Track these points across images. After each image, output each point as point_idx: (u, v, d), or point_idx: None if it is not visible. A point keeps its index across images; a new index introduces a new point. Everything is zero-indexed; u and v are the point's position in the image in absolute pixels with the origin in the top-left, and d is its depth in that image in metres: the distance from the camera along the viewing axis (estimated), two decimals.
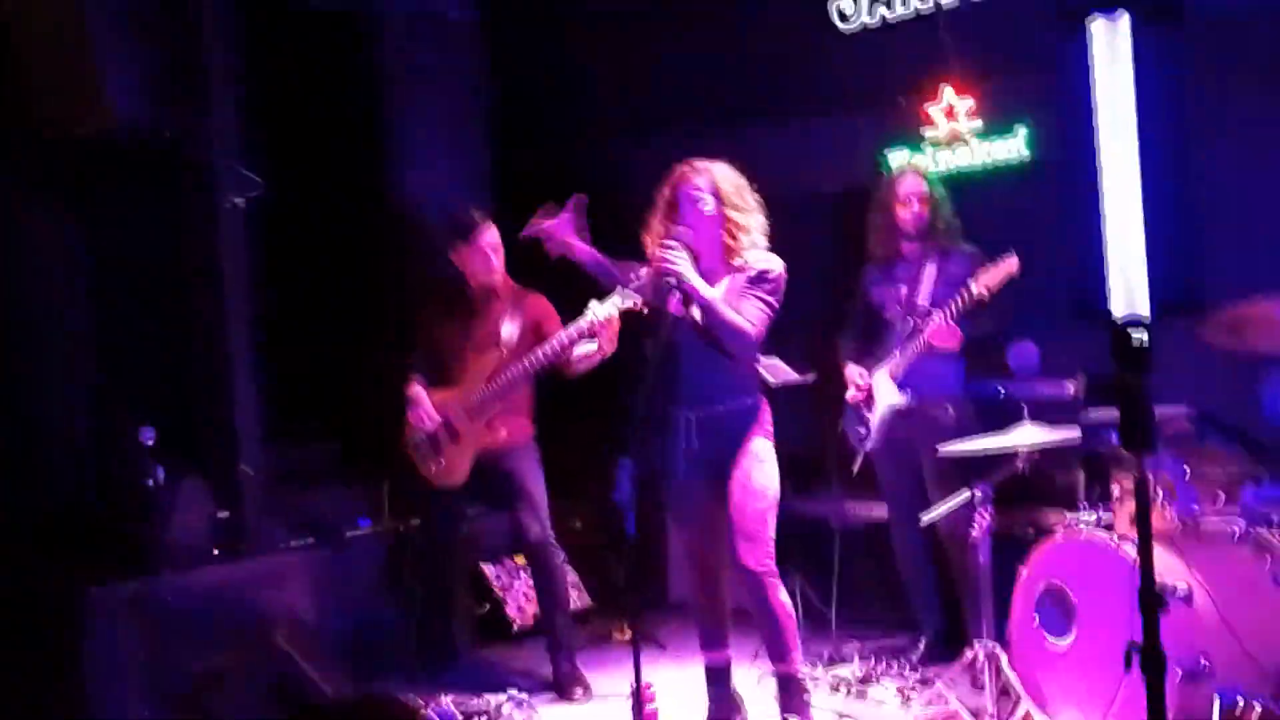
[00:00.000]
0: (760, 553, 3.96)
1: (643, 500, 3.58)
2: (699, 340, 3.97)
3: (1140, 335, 2.04)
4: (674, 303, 3.91)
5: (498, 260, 4.98)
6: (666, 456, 4.08)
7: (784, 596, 4.03)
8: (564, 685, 4.92)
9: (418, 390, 4.98)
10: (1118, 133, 2.06)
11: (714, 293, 3.91)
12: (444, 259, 5.07)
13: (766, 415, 4.08)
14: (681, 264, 3.86)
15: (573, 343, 4.63)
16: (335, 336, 5.99)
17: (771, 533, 4.01)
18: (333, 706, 1.58)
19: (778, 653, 4.05)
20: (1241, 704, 3.47)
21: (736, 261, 3.98)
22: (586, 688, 4.91)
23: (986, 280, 4.62)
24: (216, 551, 5.02)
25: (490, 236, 4.96)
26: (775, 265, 4.00)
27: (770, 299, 3.97)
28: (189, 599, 4.64)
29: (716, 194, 3.98)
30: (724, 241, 3.99)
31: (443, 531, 5.18)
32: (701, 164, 4.05)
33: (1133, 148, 2.04)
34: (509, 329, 4.93)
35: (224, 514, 5.12)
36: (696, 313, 3.93)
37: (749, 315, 3.93)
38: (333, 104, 6.21)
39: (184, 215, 5.31)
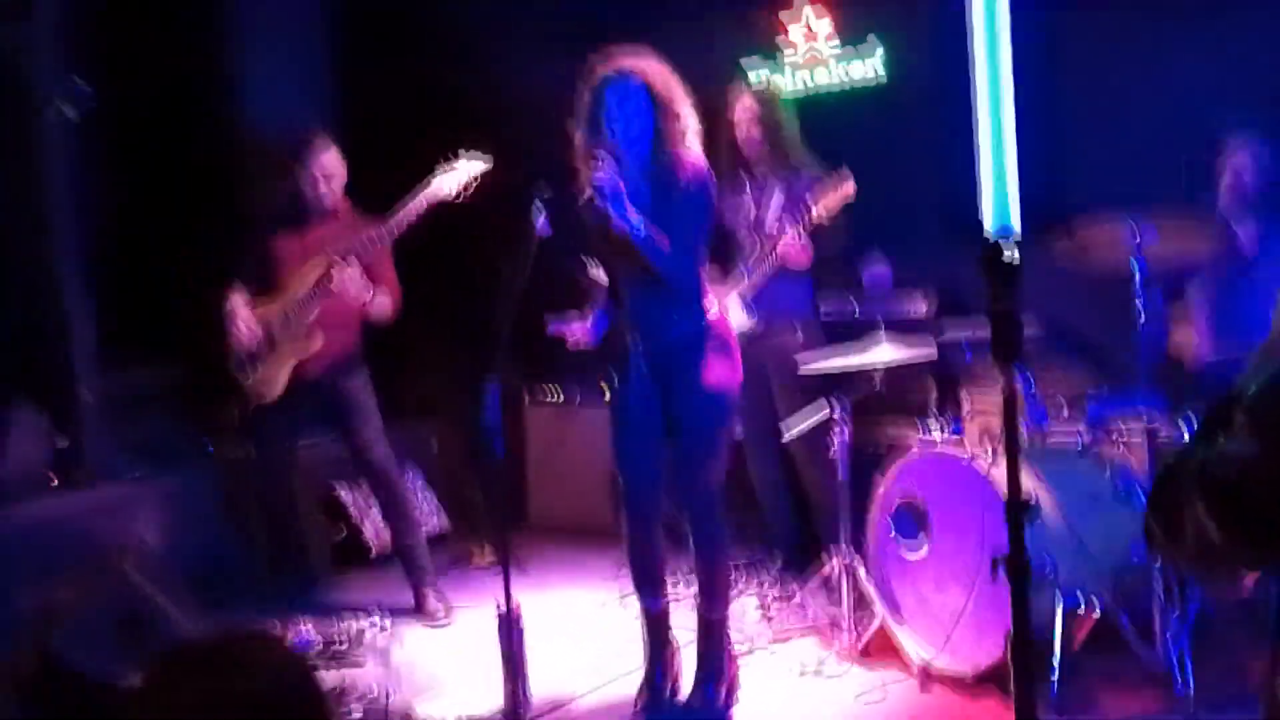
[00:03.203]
0: (707, 493, 3.71)
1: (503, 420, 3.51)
2: (636, 267, 3.62)
3: (1012, 251, 2.07)
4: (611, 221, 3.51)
5: (333, 185, 4.80)
6: (620, 387, 3.77)
7: (724, 541, 3.80)
8: (426, 607, 4.89)
9: (235, 303, 4.79)
10: (992, 52, 2.08)
11: (643, 223, 3.52)
12: (283, 177, 4.88)
13: (720, 338, 3.74)
14: (612, 191, 3.45)
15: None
16: (175, 255, 5.72)
17: (721, 471, 3.74)
18: (199, 644, 1.52)
19: (709, 597, 3.80)
20: (1083, 604, 3.66)
21: (673, 170, 3.60)
22: (449, 608, 4.89)
23: (823, 203, 4.64)
24: (55, 482, 4.80)
25: (326, 161, 4.76)
26: (708, 173, 3.66)
27: (708, 216, 3.69)
28: (28, 531, 4.43)
29: (645, 89, 3.56)
30: (657, 144, 3.59)
31: (274, 453, 4.99)
32: (627, 58, 3.58)
33: (1008, 67, 2.07)
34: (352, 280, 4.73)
35: (63, 443, 4.89)
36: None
37: (688, 240, 3.61)
38: (170, 12, 5.87)
39: (6, 127, 4.96)
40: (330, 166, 4.77)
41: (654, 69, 3.60)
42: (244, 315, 4.77)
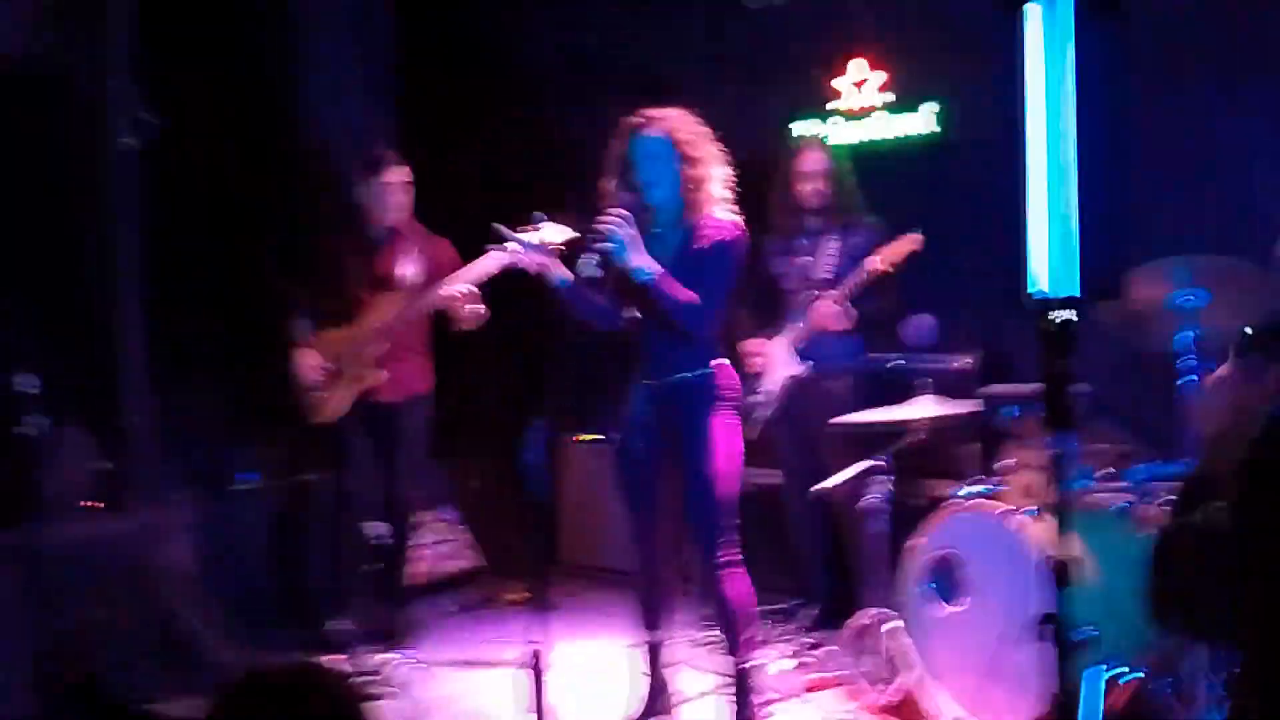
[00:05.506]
0: (715, 540, 3.75)
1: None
2: (651, 309, 3.74)
3: (1069, 317, 2.09)
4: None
5: (405, 199, 4.88)
6: (622, 428, 3.89)
7: (741, 588, 3.82)
8: (399, 634, 4.91)
9: (301, 349, 4.84)
10: (1054, 117, 2.10)
11: (653, 269, 3.65)
12: (349, 197, 4.94)
13: (728, 385, 3.84)
14: (619, 240, 3.59)
15: (453, 299, 4.57)
16: (230, 281, 5.78)
17: (731, 518, 3.79)
18: (264, 674, 1.56)
19: (730, 641, 3.83)
20: (1126, 674, 3.61)
21: (697, 220, 3.74)
22: (414, 630, 4.98)
23: (888, 255, 4.66)
24: (99, 504, 4.85)
25: (401, 174, 4.87)
26: (735, 227, 3.75)
27: (729, 267, 3.75)
28: (69, 551, 4.48)
29: (673, 145, 3.70)
30: (684, 198, 3.73)
31: (351, 483, 5.00)
32: (654, 112, 3.75)
33: (1070, 131, 2.08)
34: (410, 270, 4.83)
35: (107, 465, 4.95)
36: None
37: (706, 288, 3.69)
38: (234, 37, 5.96)
39: (72, 154, 5.05)
40: (406, 180, 4.87)
41: (679, 121, 3.74)
42: (307, 362, 4.80)
